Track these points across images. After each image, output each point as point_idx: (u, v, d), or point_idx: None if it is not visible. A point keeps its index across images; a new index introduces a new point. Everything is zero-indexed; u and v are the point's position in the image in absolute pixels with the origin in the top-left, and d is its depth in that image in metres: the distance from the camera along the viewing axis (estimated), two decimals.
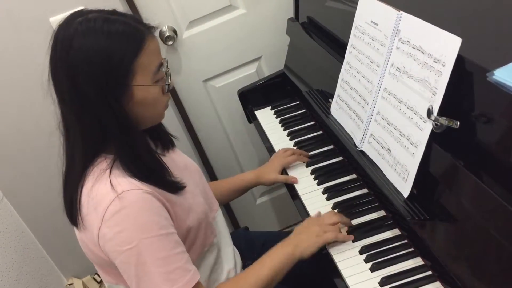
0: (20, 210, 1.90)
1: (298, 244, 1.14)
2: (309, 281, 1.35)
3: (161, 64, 1.02)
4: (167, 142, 1.20)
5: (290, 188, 1.43)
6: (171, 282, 0.96)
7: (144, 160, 1.02)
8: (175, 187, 1.06)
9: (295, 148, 1.54)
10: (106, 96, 0.95)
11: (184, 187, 1.08)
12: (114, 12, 1.00)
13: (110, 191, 0.95)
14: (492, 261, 0.84)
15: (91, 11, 0.98)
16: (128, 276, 0.98)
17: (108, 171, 0.98)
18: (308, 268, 1.18)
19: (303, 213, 1.32)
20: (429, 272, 1.03)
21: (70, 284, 2.09)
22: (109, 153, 1.01)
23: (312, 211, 1.30)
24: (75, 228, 1.06)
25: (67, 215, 1.06)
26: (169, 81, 1.04)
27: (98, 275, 2.12)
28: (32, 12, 1.59)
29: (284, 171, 1.47)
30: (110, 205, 0.94)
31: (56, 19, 1.59)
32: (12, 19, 1.59)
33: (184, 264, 0.99)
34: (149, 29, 1.00)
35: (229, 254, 1.25)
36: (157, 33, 1.03)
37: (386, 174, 1.09)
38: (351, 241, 1.16)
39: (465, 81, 0.89)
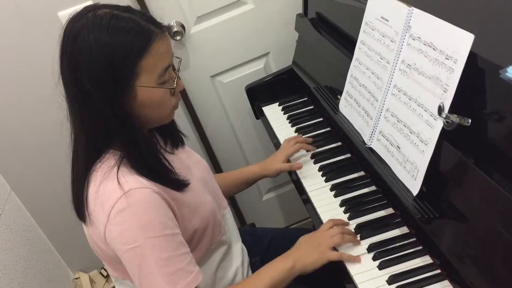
0: (28, 204, 1.91)
1: (300, 259, 1.11)
2: (316, 278, 1.35)
3: (169, 66, 0.99)
4: (177, 140, 1.19)
5: (298, 185, 1.42)
6: (172, 283, 0.96)
7: (147, 159, 1.00)
8: (178, 185, 1.05)
9: (297, 135, 1.55)
10: (107, 95, 0.94)
11: (188, 184, 1.07)
12: (126, 9, 0.97)
13: (117, 189, 0.95)
14: (502, 260, 0.83)
15: (103, 6, 0.96)
16: (132, 274, 0.98)
17: (116, 168, 0.98)
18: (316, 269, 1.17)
19: (311, 210, 1.31)
20: (438, 271, 1.02)
21: (76, 278, 2.10)
22: (117, 149, 1.01)
23: (319, 208, 1.29)
24: (82, 223, 1.06)
25: (74, 209, 1.06)
26: (174, 85, 1.01)
27: (105, 270, 2.13)
28: (40, 7, 1.59)
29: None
30: (116, 203, 0.94)
31: (65, 14, 1.59)
32: (21, 14, 1.59)
33: (186, 266, 0.99)
34: (161, 28, 0.97)
35: (237, 251, 1.25)
36: (159, 19, 0.99)
37: (395, 172, 1.08)
38: (359, 239, 1.15)
39: (477, 78, 0.88)
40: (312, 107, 1.71)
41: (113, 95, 0.94)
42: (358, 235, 1.16)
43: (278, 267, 1.11)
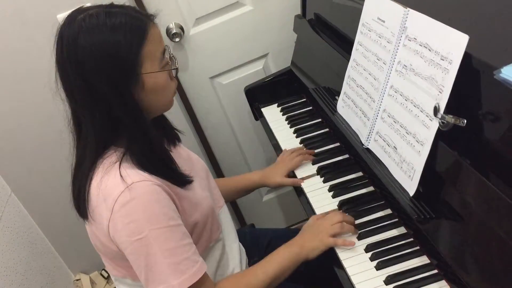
0: (28, 206, 1.92)
1: (304, 245, 1.15)
2: (314, 278, 1.35)
3: (164, 50, 1.03)
4: (173, 137, 1.21)
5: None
6: (179, 273, 0.97)
7: (156, 151, 1.03)
8: (183, 181, 1.07)
9: (301, 146, 1.54)
10: (118, 89, 0.96)
11: (192, 180, 1.09)
12: (113, 5, 1.01)
13: (120, 183, 0.96)
14: (498, 260, 0.84)
15: (90, 7, 0.99)
16: (138, 267, 0.99)
17: (117, 163, 0.99)
18: (314, 265, 1.18)
19: (309, 210, 1.32)
20: (435, 271, 1.02)
21: (77, 280, 2.10)
22: (119, 146, 1.02)
23: (318, 209, 1.30)
24: (84, 221, 1.07)
25: (75, 207, 1.07)
26: (176, 65, 1.06)
27: (106, 271, 2.14)
28: (39, 9, 1.59)
29: (291, 172, 1.47)
30: (119, 196, 0.95)
31: (64, 16, 1.59)
32: (20, 16, 1.60)
33: (191, 255, 1.00)
34: (149, 17, 1.02)
35: (235, 251, 1.25)
36: (158, 21, 1.04)
37: (392, 172, 1.09)
38: (357, 239, 1.15)
39: (472, 79, 0.88)
40: (310, 108, 1.71)
41: (124, 87, 0.97)
42: (356, 235, 1.17)
43: (286, 253, 1.14)
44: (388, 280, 1.04)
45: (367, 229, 1.17)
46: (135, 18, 0.98)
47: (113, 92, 0.96)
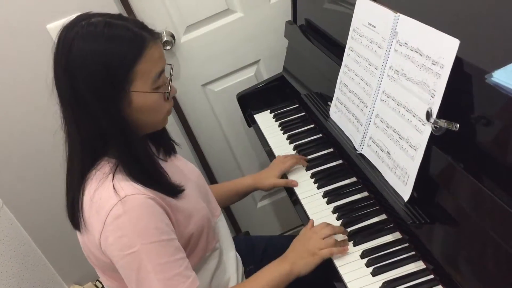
0: (20, 218, 1.90)
1: (296, 262, 1.13)
2: (310, 285, 1.34)
3: (162, 71, 1.01)
4: (169, 148, 1.20)
5: (290, 192, 1.42)
6: None
7: (143, 164, 1.01)
8: (174, 191, 1.05)
9: (294, 153, 1.54)
10: (104, 101, 0.95)
11: (183, 190, 1.08)
12: (119, 16, 0.99)
13: (113, 195, 0.95)
14: (493, 263, 0.83)
15: (96, 15, 0.97)
16: (129, 281, 0.98)
17: (111, 175, 0.98)
18: (309, 272, 1.17)
19: (304, 217, 1.31)
20: (431, 276, 1.02)
21: None
22: (112, 156, 1.01)
23: (312, 215, 1.29)
24: (77, 232, 1.06)
25: (68, 217, 1.06)
26: (169, 89, 1.03)
27: (100, 282, 2.12)
28: (29, 20, 1.58)
29: (284, 176, 1.46)
30: (112, 209, 0.94)
31: (53, 26, 1.59)
32: (10, 26, 1.58)
33: (183, 271, 0.99)
34: (153, 35, 0.99)
35: (231, 259, 1.25)
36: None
37: (386, 178, 1.08)
38: (352, 246, 1.15)
39: (463, 83, 0.88)
40: (303, 113, 1.71)
41: (110, 100, 0.95)
42: (351, 242, 1.16)
43: (275, 271, 1.12)
44: (385, 286, 1.03)
45: (362, 234, 1.17)
46: (135, 33, 0.96)
47: (98, 103, 0.94)
